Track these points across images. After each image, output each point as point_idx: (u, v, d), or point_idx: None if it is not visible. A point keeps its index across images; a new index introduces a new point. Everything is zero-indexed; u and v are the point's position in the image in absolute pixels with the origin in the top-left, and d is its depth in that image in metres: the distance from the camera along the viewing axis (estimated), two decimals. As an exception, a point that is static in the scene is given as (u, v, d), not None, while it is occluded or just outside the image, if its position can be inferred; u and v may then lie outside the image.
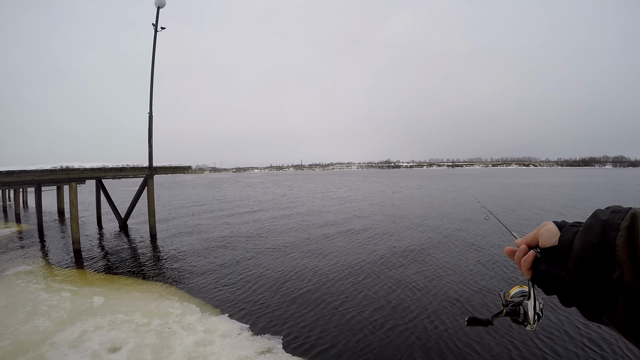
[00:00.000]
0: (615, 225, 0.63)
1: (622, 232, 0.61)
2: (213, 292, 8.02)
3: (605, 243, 0.63)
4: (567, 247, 0.73)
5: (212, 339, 5.68)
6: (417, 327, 6.14)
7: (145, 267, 10.26)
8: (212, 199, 33.70)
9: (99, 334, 5.87)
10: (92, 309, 6.99)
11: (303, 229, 15.85)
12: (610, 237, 0.63)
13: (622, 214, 0.64)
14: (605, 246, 0.63)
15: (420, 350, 5.37)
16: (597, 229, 0.66)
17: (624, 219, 0.63)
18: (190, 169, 18.14)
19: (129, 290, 8.29)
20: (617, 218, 0.64)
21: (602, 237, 0.64)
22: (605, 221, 0.66)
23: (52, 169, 11.79)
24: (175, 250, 12.22)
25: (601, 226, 0.65)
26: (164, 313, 6.78)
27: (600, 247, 0.64)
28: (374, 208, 23.32)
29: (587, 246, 0.67)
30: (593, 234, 0.66)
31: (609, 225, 0.64)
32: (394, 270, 9.25)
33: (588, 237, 0.67)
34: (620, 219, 0.63)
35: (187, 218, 20.63)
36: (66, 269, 10.07)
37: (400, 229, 15.18)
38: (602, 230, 0.65)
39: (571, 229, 0.76)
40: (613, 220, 0.64)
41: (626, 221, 0.62)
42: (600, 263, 0.64)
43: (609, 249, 0.62)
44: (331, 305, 7.08)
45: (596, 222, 0.67)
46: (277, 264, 10.05)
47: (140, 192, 15.74)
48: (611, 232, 0.63)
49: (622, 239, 0.61)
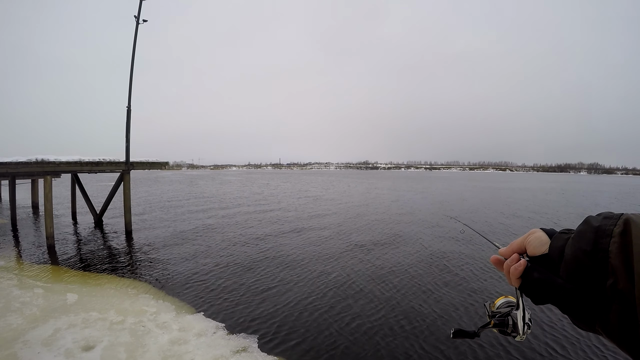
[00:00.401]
0: (607, 232, 0.63)
1: (615, 238, 0.62)
2: (188, 290, 8.06)
3: (598, 250, 0.63)
4: (558, 255, 0.73)
5: (187, 338, 5.74)
6: (384, 325, 6.37)
7: (120, 264, 10.20)
8: (188, 195, 33.41)
9: (72, 332, 5.86)
10: (66, 307, 6.95)
11: (276, 227, 16.00)
12: (603, 243, 0.63)
13: (614, 220, 0.64)
14: (598, 253, 0.63)
15: (385, 349, 5.57)
16: (589, 236, 0.66)
17: (617, 225, 0.63)
18: (167, 165, 18.01)
19: (103, 287, 8.25)
20: (609, 224, 0.64)
21: (594, 244, 0.64)
22: (597, 227, 0.66)
23: (27, 161, 11.55)
24: (151, 247, 12.17)
25: (593, 233, 0.65)
26: (139, 311, 6.79)
27: (593, 254, 0.64)
28: (346, 207, 23.73)
29: (579, 253, 0.66)
30: (585, 241, 0.66)
31: (601, 231, 0.64)
32: (363, 269, 9.51)
33: (580, 244, 0.67)
34: (613, 225, 0.63)
35: (163, 214, 20.48)
36: (40, 265, 9.92)
37: (372, 228, 15.51)
38: (594, 236, 0.65)
39: (562, 236, 0.75)
40: (605, 226, 0.64)
41: (619, 227, 0.62)
42: (593, 270, 0.64)
43: (602, 255, 0.62)
44: (303, 304, 7.25)
45: (588, 229, 0.67)
46: (251, 262, 10.16)
47: (116, 188, 15.53)
48: (604, 239, 0.63)
49: (616, 246, 0.61)
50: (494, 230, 15.53)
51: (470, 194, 36.44)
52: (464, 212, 21.77)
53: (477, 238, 13.05)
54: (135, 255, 11.22)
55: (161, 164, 17.06)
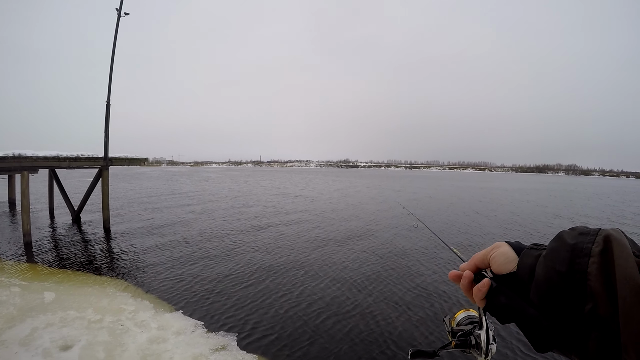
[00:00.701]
0: (585, 251, 0.56)
1: (594, 258, 0.55)
2: (167, 287, 8.10)
3: (574, 271, 0.56)
4: (528, 274, 0.66)
5: (166, 336, 5.81)
6: (359, 322, 6.50)
7: (98, 261, 10.14)
8: (167, 192, 33.11)
9: (50, 332, 5.86)
10: (43, 305, 6.91)
11: (253, 224, 16.10)
12: (581, 264, 0.56)
13: (591, 237, 0.58)
14: (575, 274, 0.56)
15: (360, 345, 5.74)
16: (563, 255, 0.59)
17: (595, 243, 0.56)
18: (147, 161, 17.96)
19: (81, 285, 8.21)
20: (586, 241, 0.58)
21: (570, 264, 0.57)
22: (573, 246, 0.59)
23: (4, 156, 11.36)
24: (129, 244, 12.11)
25: (569, 251, 0.58)
26: (117, 309, 6.80)
27: (569, 275, 0.57)
28: (324, 206, 23.97)
29: (553, 274, 0.59)
30: (560, 261, 0.59)
31: (577, 250, 0.58)
32: (338, 265, 9.74)
33: (554, 264, 0.60)
34: (591, 242, 0.57)
35: (142, 211, 20.31)
36: (16, 263, 9.78)
37: (347, 227, 15.67)
38: (570, 256, 0.58)
39: (531, 252, 0.68)
40: (582, 244, 0.58)
41: (598, 245, 0.56)
42: (569, 294, 0.57)
43: (579, 277, 0.56)
44: (280, 301, 7.37)
45: (562, 247, 0.60)
46: (229, 260, 10.24)
47: (94, 184, 15.35)
48: (581, 259, 0.56)
49: (595, 267, 0.54)
50: (450, 228, 15.91)
51: (440, 193, 37.08)
52: (429, 210, 22.19)
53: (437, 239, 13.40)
54: (114, 252, 11.15)
55: (140, 160, 16.96)
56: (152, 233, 13.91)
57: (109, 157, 14.73)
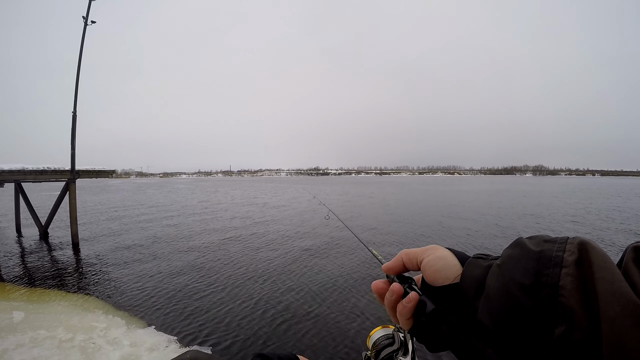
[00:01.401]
0: (556, 260, 0.45)
1: (568, 268, 0.44)
2: (138, 303, 8.12)
3: (541, 284, 0.44)
4: (474, 288, 0.53)
5: (139, 353, 5.85)
6: (335, 330, 6.67)
7: (68, 278, 10.02)
8: (136, 204, 32.72)
9: (20, 353, 5.82)
10: (12, 325, 6.83)
11: (222, 235, 16.23)
12: (551, 275, 0.44)
13: (560, 244, 0.46)
14: (542, 288, 0.44)
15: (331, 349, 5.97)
16: (526, 264, 0.47)
17: (567, 251, 0.45)
18: (115, 173, 17.73)
19: (50, 303, 8.14)
20: (555, 249, 0.46)
21: (536, 274, 0.45)
22: (539, 253, 0.47)
23: (-35, 170, 11.09)
24: (99, 259, 11.98)
25: (534, 260, 0.47)
26: (88, 327, 6.78)
27: (535, 289, 0.45)
28: (291, 213, 24.32)
29: (512, 288, 0.47)
30: (521, 271, 0.47)
31: (545, 258, 0.46)
32: (308, 274, 9.86)
33: (513, 275, 0.48)
34: (562, 250, 0.46)
35: (110, 225, 20.04)
36: (-19, 282, 9.56)
37: (315, 233, 15.86)
38: (535, 265, 0.46)
39: (478, 262, 0.56)
40: (550, 252, 0.46)
41: (572, 254, 0.45)
42: (533, 313, 0.44)
43: (547, 292, 0.44)
44: (254, 312, 7.47)
45: (524, 254, 0.49)
46: (199, 272, 10.32)
47: (61, 197, 15.07)
48: (550, 269, 0.45)
49: (570, 279, 0.43)
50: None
51: (391, 196, 37.94)
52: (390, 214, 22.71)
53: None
54: (83, 268, 11.02)
55: (108, 172, 16.77)
56: (121, 247, 13.77)
57: (75, 169, 14.50)
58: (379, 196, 38.20)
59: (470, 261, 0.57)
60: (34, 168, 13.40)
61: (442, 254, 0.60)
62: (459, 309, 0.55)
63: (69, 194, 14.41)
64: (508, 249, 0.52)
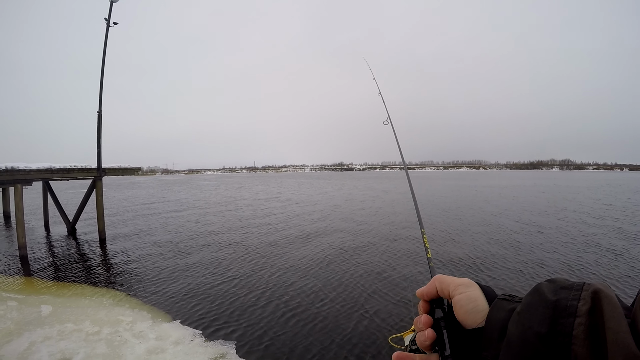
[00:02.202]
0: (570, 309, 0.48)
1: (581, 318, 0.47)
2: (164, 297, 8.10)
3: (557, 332, 0.47)
4: (498, 332, 0.56)
5: (164, 347, 5.81)
6: (362, 332, 6.52)
7: (95, 273, 10.12)
8: (162, 201, 33.15)
9: (48, 345, 5.86)
10: (40, 319, 6.90)
11: (249, 232, 16.09)
12: (565, 324, 0.47)
13: (576, 292, 0.49)
14: (557, 337, 0.47)
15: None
16: (543, 313, 0.50)
17: (582, 300, 0.48)
18: (140, 170, 17.91)
19: (77, 298, 8.20)
20: (570, 297, 0.49)
21: (552, 324, 0.48)
22: (555, 302, 0.50)
23: (-4, 169, 11.33)
24: (125, 255, 12.09)
25: (550, 309, 0.50)
26: (115, 321, 6.80)
27: (550, 338, 0.48)
28: (319, 208, 23.93)
29: (530, 335, 0.49)
30: (538, 320, 0.50)
31: (561, 307, 0.49)
32: (341, 273, 9.68)
33: (531, 323, 0.50)
34: (576, 299, 0.49)
35: (137, 221, 20.29)
36: (12, 277, 9.75)
37: (349, 232, 15.67)
38: (551, 314, 0.49)
39: (503, 305, 0.59)
40: (566, 300, 0.49)
41: (585, 303, 0.47)
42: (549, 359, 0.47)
43: (562, 340, 0.46)
44: (279, 308, 7.36)
45: (541, 303, 0.51)
46: (226, 268, 10.25)
47: (88, 195, 15.30)
48: (565, 318, 0.48)
49: (582, 329, 0.46)
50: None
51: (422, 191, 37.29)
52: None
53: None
54: (110, 263, 11.14)
55: (134, 170, 16.93)
56: (148, 243, 13.90)
57: (102, 167, 14.70)
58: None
59: (496, 303, 0.60)
60: (62, 167, 13.62)
61: (473, 295, 0.63)
62: (483, 349, 0.58)
63: (96, 191, 14.61)
64: (528, 295, 0.55)
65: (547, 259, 10.47)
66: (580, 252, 11.32)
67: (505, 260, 10.44)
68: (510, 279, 8.88)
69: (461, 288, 0.64)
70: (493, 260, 10.40)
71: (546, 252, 11.36)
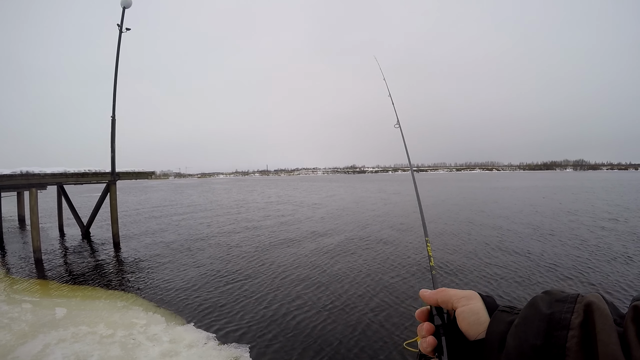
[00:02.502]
0: (564, 322, 0.49)
1: (574, 331, 0.48)
2: (178, 300, 8.06)
3: (551, 345, 0.49)
4: (497, 343, 0.57)
5: (178, 350, 5.76)
6: (377, 339, 6.43)
7: (109, 276, 10.14)
8: (175, 204, 33.37)
9: (62, 347, 5.84)
10: (55, 321, 6.91)
11: (264, 235, 16.00)
12: (559, 337, 0.48)
13: (570, 305, 0.51)
14: (552, 349, 0.48)
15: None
16: (538, 326, 0.51)
17: (574, 312, 0.50)
18: (154, 174, 18.03)
19: (92, 300, 8.21)
20: (564, 310, 0.51)
21: (546, 336, 0.49)
22: (549, 316, 0.51)
23: (12, 174, 11.43)
24: (139, 258, 12.11)
25: (545, 322, 0.51)
26: (129, 324, 6.79)
27: (545, 350, 0.49)
28: (331, 212, 23.80)
29: (526, 348, 0.51)
30: (534, 333, 0.51)
31: (555, 321, 0.50)
32: (357, 277, 9.57)
33: (527, 336, 0.52)
34: (570, 311, 0.50)
35: (151, 224, 20.38)
36: (27, 279, 9.82)
37: (363, 232, 15.55)
38: (546, 327, 0.50)
39: (503, 317, 0.60)
40: (560, 314, 0.51)
41: (578, 316, 0.49)
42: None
43: (556, 353, 0.48)
44: (294, 312, 7.26)
45: (536, 316, 0.53)
46: (240, 271, 10.17)
47: (102, 199, 15.41)
48: (559, 331, 0.49)
49: (575, 341, 0.47)
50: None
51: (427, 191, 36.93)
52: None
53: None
54: (124, 266, 11.16)
55: (147, 174, 17.02)
56: (161, 246, 13.92)
57: (116, 171, 14.80)
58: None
59: (496, 316, 0.61)
60: (76, 171, 13.73)
61: (475, 308, 0.64)
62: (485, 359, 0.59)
63: (110, 195, 14.70)
64: (524, 309, 0.57)
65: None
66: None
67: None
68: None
69: (463, 300, 0.66)
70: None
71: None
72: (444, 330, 0.68)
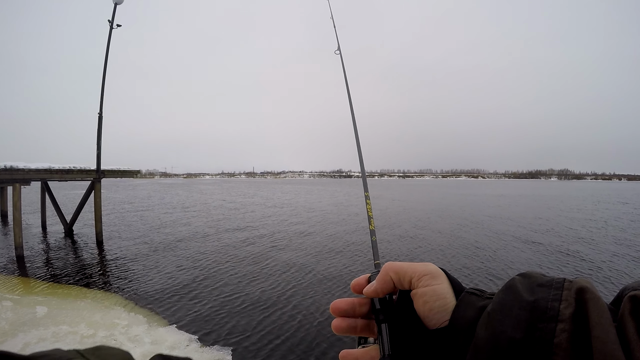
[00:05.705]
0: (551, 312, 0.38)
1: (564, 324, 0.37)
2: (160, 301, 8.06)
3: (534, 340, 0.37)
4: (464, 332, 0.44)
5: (159, 351, 5.73)
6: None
7: (91, 275, 10.07)
8: (160, 204, 33.15)
9: (42, 347, 5.76)
10: (35, 320, 6.86)
11: (247, 236, 16.03)
12: (545, 331, 0.37)
13: (557, 291, 0.40)
14: (535, 344, 0.37)
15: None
16: (518, 315, 0.40)
17: (563, 301, 0.39)
18: (139, 173, 17.95)
19: (73, 299, 8.16)
20: (551, 298, 0.39)
21: (528, 329, 0.38)
22: (533, 303, 0.40)
23: (-5, 168, 11.31)
24: (122, 257, 12.03)
25: (527, 311, 0.39)
26: (110, 324, 6.76)
27: (526, 345, 0.37)
28: (314, 215, 23.92)
29: (502, 342, 0.39)
30: (512, 323, 0.39)
31: (539, 310, 0.39)
32: (337, 277, 9.66)
33: (504, 327, 0.39)
34: (557, 299, 0.39)
35: (135, 223, 20.24)
36: (8, 277, 9.70)
37: (338, 236, 15.66)
38: (528, 317, 0.39)
39: (472, 300, 0.47)
40: (545, 302, 0.39)
41: (569, 305, 0.38)
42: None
43: (540, 349, 0.36)
44: (276, 314, 7.30)
45: (516, 302, 0.41)
46: (222, 272, 10.21)
47: (87, 196, 15.26)
48: (545, 323, 0.38)
49: (565, 336, 0.36)
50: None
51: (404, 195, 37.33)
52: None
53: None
54: (107, 266, 11.08)
55: (133, 173, 16.94)
56: (145, 246, 13.83)
57: (101, 169, 14.69)
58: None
59: (463, 298, 0.47)
60: (61, 167, 13.60)
61: (441, 290, 0.49)
62: (446, 352, 0.45)
63: (94, 193, 14.58)
64: (500, 292, 0.45)
65: None
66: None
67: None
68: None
69: (426, 279, 0.50)
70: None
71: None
72: (385, 316, 0.53)
